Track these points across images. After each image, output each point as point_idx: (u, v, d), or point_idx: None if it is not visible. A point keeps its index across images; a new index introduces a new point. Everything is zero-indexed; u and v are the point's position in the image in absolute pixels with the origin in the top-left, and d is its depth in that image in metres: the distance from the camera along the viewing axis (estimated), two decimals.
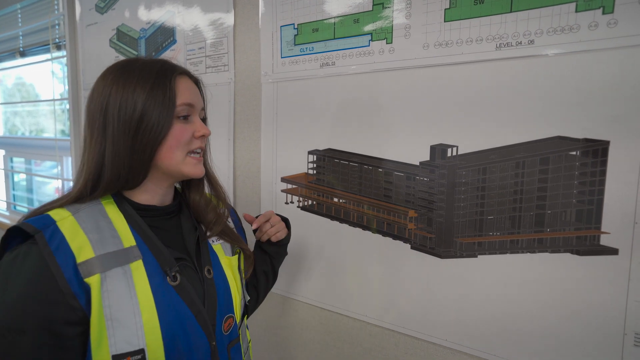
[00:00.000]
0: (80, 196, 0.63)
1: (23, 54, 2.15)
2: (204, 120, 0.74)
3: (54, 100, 2.06)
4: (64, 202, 0.62)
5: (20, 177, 2.54)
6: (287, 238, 0.92)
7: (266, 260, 0.91)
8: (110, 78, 0.64)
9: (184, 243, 0.70)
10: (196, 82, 0.72)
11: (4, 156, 2.52)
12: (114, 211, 0.64)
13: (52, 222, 0.58)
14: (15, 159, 2.54)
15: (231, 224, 0.83)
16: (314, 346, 1.15)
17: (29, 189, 2.52)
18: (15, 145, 2.44)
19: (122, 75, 0.64)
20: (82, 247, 0.57)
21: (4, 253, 0.58)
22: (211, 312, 0.67)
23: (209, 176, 0.77)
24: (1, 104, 2.61)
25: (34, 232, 0.56)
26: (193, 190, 0.76)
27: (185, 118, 0.66)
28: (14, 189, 2.53)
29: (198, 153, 0.69)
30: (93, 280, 0.55)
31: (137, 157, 0.63)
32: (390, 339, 1.00)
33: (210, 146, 0.77)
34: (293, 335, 1.19)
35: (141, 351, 0.57)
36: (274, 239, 0.88)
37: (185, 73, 0.69)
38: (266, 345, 1.25)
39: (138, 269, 0.60)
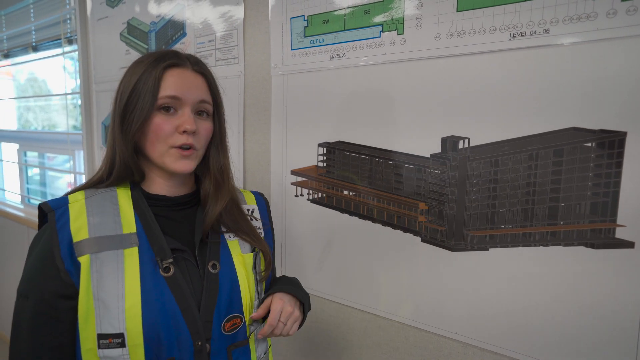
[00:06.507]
0: (102, 178, 0.68)
1: (35, 49, 2.18)
2: (215, 117, 0.71)
3: (65, 94, 2.08)
4: (88, 184, 0.69)
5: (33, 172, 2.58)
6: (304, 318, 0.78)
7: None
8: (125, 72, 0.69)
9: (192, 235, 0.69)
10: (204, 75, 0.70)
11: (17, 150, 2.56)
12: (126, 198, 0.67)
13: (65, 203, 0.64)
14: (28, 153, 2.58)
15: (258, 222, 0.80)
16: (323, 339, 1.15)
17: (42, 183, 2.56)
18: (28, 139, 2.48)
19: (130, 66, 0.68)
20: (80, 228, 0.61)
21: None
22: (208, 308, 0.65)
23: (212, 173, 0.72)
24: (14, 98, 2.65)
25: (48, 211, 0.63)
26: (204, 180, 0.74)
27: (167, 110, 0.64)
28: (27, 183, 2.58)
29: (186, 149, 0.65)
30: (83, 260, 0.59)
31: (125, 147, 0.65)
32: (400, 332, 1.00)
33: (226, 140, 0.76)
34: (302, 328, 1.20)
35: (121, 335, 0.59)
36: (291, 334, 0.71)
37: (189, 65, 0.68)
38: (274, 338, 1.26)
39: (132, 255, 0.62)
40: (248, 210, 0.80)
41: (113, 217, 0.64)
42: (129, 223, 0.64)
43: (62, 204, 0.64)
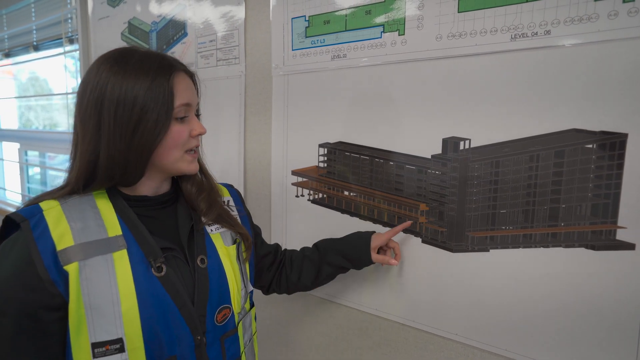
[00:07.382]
0: (72, 192, 0.63)
1: (37, 48, 2.18)
2: (198, 115, 0.73)
3: (66, 94, 2.08)
4: (55, 196, 0.63)
5: (34, 171, 2.59)
6: None
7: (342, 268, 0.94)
8: (105, 72, 0.61)
9: (177, 232, 0.69)
10: (191, 77, 0.70)
11: (18, 149, 2.56)
12: (104, 201, 0.64)
13: (39, 211, 0.59)
14: (29, 153, 2.58)
15: (234, 212, 0.83)
16: (323, 339, 1.15)
17: (43, 182, 2.56)
18: (29, 138, 2.48)
19: (118, 70, 0.61)
20: (63, 235, 0.58)
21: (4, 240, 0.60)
22: (201, 302, 0.66)
23: (202, 169, 0.77)
24: (15, 97, 2.65)
25: (21, 220, 0.58)
26: (185, 180, 0.75)
27: (183, 119, 0.65)
28: (28, 182, 2.58)
29: (194, 150, 0.69)
30: (71, 268, 0.56)
31: (133, 158, 0.62)
32: (400, 333, 1.00)
33: (201, 139, 0.75)
34: (302, 328, 1.20)
35: (119, 340, 0.57)
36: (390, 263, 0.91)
37: (182, 69, 0.67)
38: (275, 339, 1.26)
39: (121, 258, 0.60)
40: (224, 202, 0.82)
41: (95, 221, 0.61)
42: (113, 226, 0.62)
43: (35, 211, 0.59)
